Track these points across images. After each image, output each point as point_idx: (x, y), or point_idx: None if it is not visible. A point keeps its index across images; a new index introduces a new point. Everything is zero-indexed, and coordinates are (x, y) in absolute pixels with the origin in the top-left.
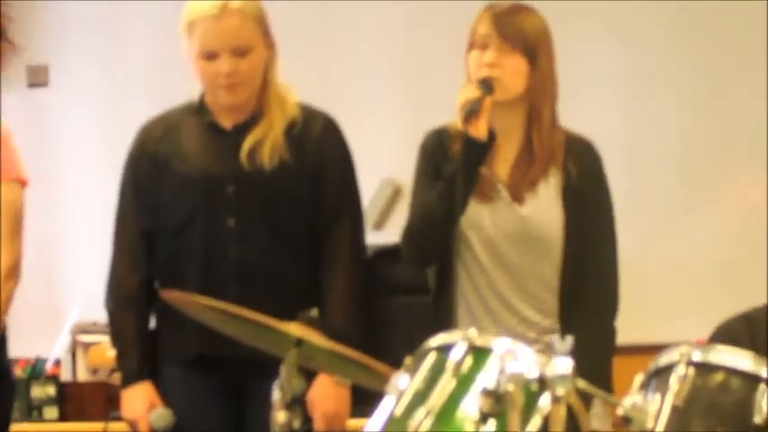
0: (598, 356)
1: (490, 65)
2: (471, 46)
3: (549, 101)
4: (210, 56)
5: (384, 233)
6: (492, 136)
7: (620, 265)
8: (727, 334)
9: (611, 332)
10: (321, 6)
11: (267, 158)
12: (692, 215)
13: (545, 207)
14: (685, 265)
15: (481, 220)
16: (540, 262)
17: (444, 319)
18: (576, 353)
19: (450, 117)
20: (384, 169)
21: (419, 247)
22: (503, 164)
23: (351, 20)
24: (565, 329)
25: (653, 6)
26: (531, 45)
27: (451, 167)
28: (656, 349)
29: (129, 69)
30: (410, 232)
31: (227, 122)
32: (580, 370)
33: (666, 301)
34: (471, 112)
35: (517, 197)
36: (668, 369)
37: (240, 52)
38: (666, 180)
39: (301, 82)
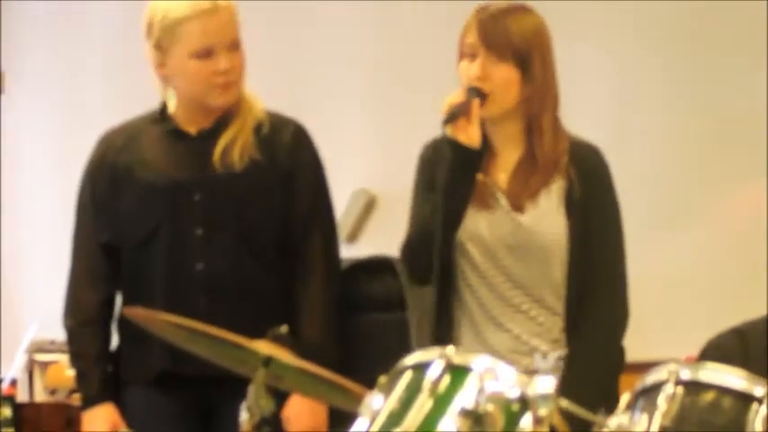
0: (599, 372)
1: (478, 78)
2: (461, 56)
3: (549, 108)
4: (206, 54)
5: (357, 246)
6: (485, 143)
7: None
8: (718, 350)
9: (617, 346)
10: (289, 7)
11: (237, 159)
12: (686, 227)
13: (546, 215)
14: (677, 278)
15: (480, 230)
16: (544, 271)
17: (446, 336)
18: (576, 367)
19: (431, 127)
20: (357, 179)
21: (418, 263)
22: (503, 171)
23: (321, 20)
24: (570, 342)
25: (639, 11)
26: (522, 52)
27: (445, 177)
28: (645, 367)
29: (87, 76)
30: (408, 248)
31: (192, 129)
32: (578, 386)
33: (656, 317)
34: (453, 116)
35: (517, 206)
36: (656, 388)
37: (234, 46)
38: (658, 191)
39: (268, 86)
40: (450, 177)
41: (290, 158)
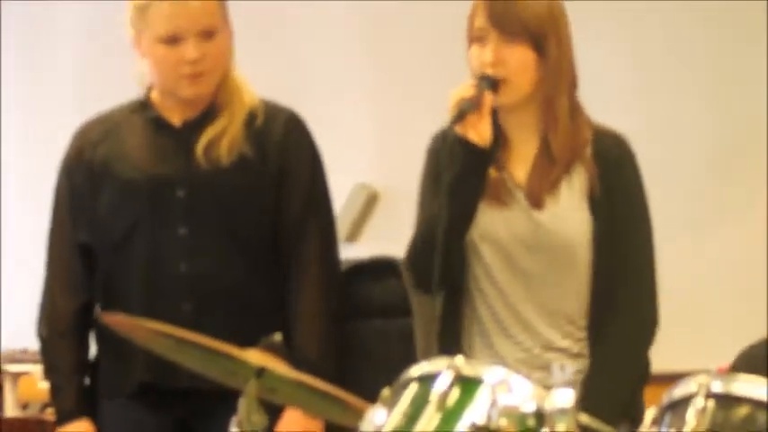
0: (623, 383)
1: (491, 64)
2: (470, 40)
3: (566, 91)
4: (173, 40)
5: (358, 246)
6: (497, 140)
7: None
8: (752, 361)
9: (646, 353)
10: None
11: (225, 153)
12: (718, 229)
13: (567, 211)
14: (708, 283)
15: (495, 229)
16: (565, 274)
17: (452, 347)
18: (597, 377)
19: (437, 115)
20: (357, 173)
21: (421, 269)
22: (520, 165)
23: (321, 12)
24: (593, 350)
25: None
26: (536, 31)
27: (450, 176)
28: (672, 379)
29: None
30: (412, 252)
31: (175, 119)
32: (600, 398)
33: (685, 325)
34: (462, 114)
35: (535, 202)
36: (685, 402)
37: (206, 35)
38: (688, 189)
39: (261, 73)
40: (456, 178)
41: (282, 152)
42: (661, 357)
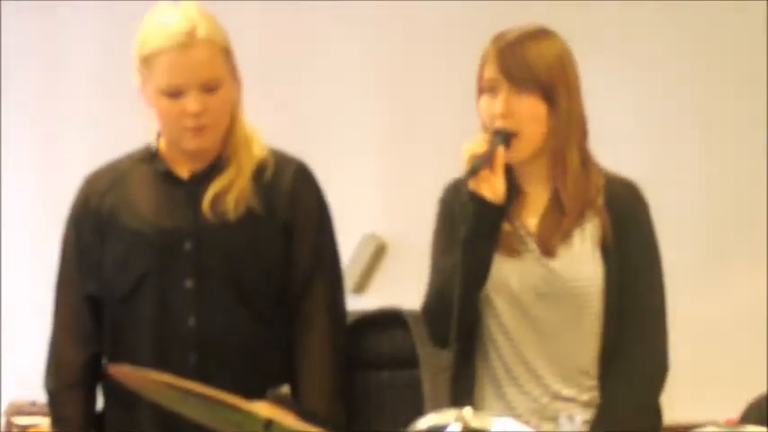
0: (632, 429)
1: (502, 115)
2: (480, 91)
3: (576, 142)
4: (176, 93)
5: (366, 297)
6: (510, 193)
7: None
8: (761, 412)
9: (653, 405)
10: (290, 39)
11: (232, 207)
12: (727, 275)
13: (579, 260)
14: (716, 331)
15: (507, 279)
16: (577, 322)
17: (465, 399)
18: (605, 425)
19: (445, 166)
20: (366, 224)
21: (438, 326)
22: (531, 214)
23: (325, 49)
24: (601, 398)
25: (675, 34)
26: (546, 82)
27: (464, 232)
28: (681, 430)
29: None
30: (427, 308)
31: (183, 171)
32: None
33: (694, 374)
34: (475, 170)
35: (547, 251)
36: None
37: (209, 88)
38: (698, 230)
39: (269, 123)
40: (470, 235)
41: (290, 205)
42: (670, 407)
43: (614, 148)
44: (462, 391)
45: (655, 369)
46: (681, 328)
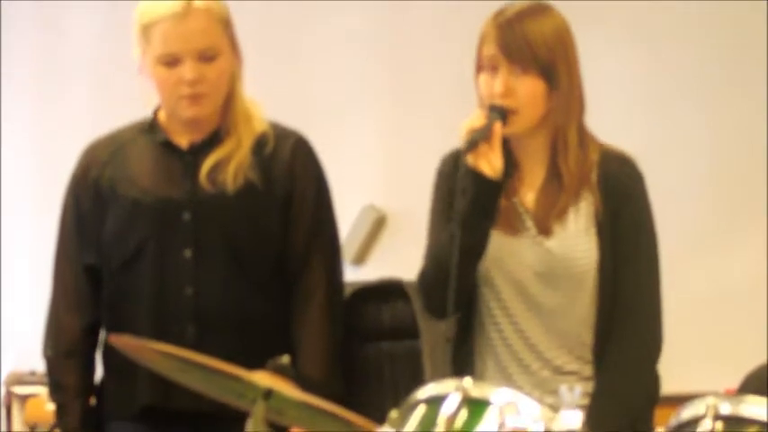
0: (628, 405)
1: (502, 95)
2: (479, 68)
3: (575, 117)
4: (172, 61)
5: (365, 268)
6: (508, 169)
7: None
8: (760, 383)
9: (648, 377)
10: (291, 10)
11: (231, 179)
12: (727, 249)
13: (575, 238)
14: (716, 304)
15: (505, 256)
16: (575, 299)
17: (465, 372)
18: (603, 400)
19: (445, 138)
20: (365, 195)
21: (434, 297)
22: (529, 191)
23: (325, 24)
24: (597, 373)
25: (676, 5)
26: (546, 61)
27: (462, 205)
28: (680, 400)
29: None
30: (423, 279)
31: (182, 141)
32: (605, 421)
33: (693, 345)
34: (473, 144)
35: (544, 229)
36: (693, 423)
37: (206, 57)
38: (699, 203)
39: (271, 94)
40: (468, 209)
41: (288, 177)
42: (669, 379)
43: (615, 119)
44: (463, 366)
45: (649, 344)
46: (681, 298)
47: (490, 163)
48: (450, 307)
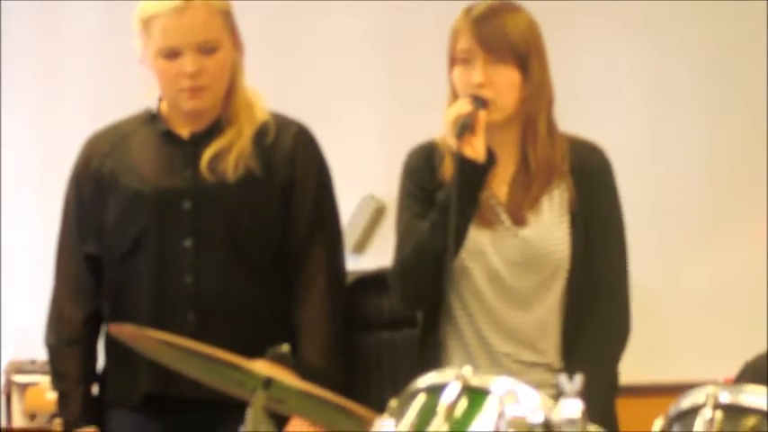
0: (594, 393)
1: (479, 85)
2: (453, 62)
3: (545, 108)
4: (172, 54)
5: (365, 257)
6: (491, 156)
7: (640, 294)
8: (758, 373)
9: (614, 366)
10: (297, 11)
11: (231, 168)
12: (726, 239)
13: (549, 227)
14: (714, 294)
15: (482, 248)
16: (551, 289)
17: (433, 361)
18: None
19: (442, 128)
20: (365, 185)
21: (413, 285)
22: (500, 184)
23: (325, 14)
24: (565, 360)
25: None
26: (521, 52)
27: (445, 194)
28: (679, 389)
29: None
30: (401, 269)
31: (184, 131)
32: None
33: (692, 336)
34: (464, 128)
35: (518, 220)
36: (692, 412)
37: (206, 50)
38: (696, 199)
39: (272, 83)
40: (458, 195)
41: (289, 167)
42: (667, 368)
43: (612, 113)
44: (429, 361)
45: (617, 335)
46: (681, 290)
47: (474, 148)
48: (433, 296)
